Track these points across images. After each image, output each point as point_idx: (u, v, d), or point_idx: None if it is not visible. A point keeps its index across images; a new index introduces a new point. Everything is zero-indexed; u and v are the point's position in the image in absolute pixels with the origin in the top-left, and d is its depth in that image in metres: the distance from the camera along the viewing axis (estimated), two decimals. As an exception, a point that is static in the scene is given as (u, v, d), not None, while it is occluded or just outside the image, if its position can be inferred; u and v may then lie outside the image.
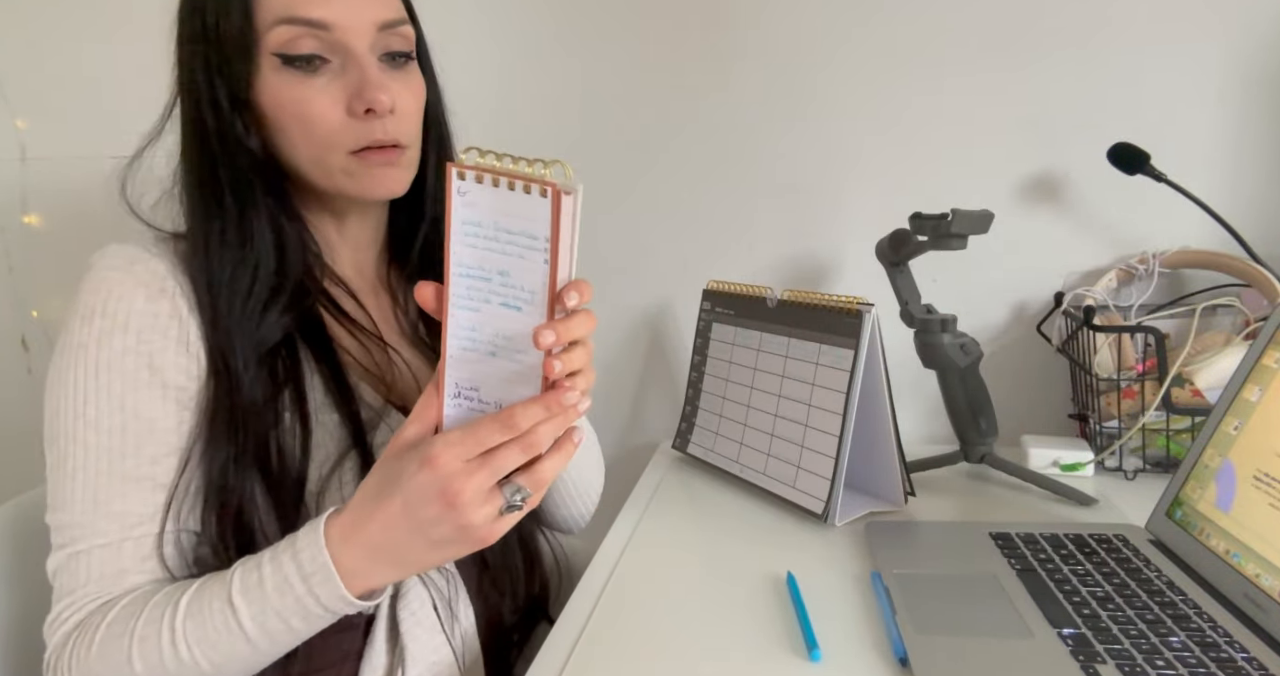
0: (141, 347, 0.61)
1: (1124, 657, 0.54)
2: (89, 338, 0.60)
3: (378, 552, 0.54)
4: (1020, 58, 1.03)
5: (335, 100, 0.63)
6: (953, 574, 0.68)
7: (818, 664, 0.59)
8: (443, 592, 0.68)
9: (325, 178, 0.65)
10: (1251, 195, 1.00)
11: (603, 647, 0.62)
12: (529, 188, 0.48)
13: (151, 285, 0.62)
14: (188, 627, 0.55)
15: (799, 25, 1.08)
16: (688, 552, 0.78)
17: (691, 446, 1.02)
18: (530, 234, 0.49)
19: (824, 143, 1.10)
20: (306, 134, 0.63)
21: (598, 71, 1.13)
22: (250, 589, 0.55)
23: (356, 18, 0.63)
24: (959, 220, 0.82)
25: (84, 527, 0.59)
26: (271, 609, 0.55)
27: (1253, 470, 0.64)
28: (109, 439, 0.60)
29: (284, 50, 0.61)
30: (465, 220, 0.50)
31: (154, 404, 0.61)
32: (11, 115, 1.20)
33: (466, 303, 0.51)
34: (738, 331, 0.98)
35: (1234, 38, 0.98)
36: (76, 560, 0.59)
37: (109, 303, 0.61)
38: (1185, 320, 0.95)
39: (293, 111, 0.63)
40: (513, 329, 0.51)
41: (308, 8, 0.61)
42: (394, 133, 0.65)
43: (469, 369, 0.52)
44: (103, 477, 0.60)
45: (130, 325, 0.61)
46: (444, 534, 0.52)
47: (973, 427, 0.91)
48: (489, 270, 0.50)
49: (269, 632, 0.55)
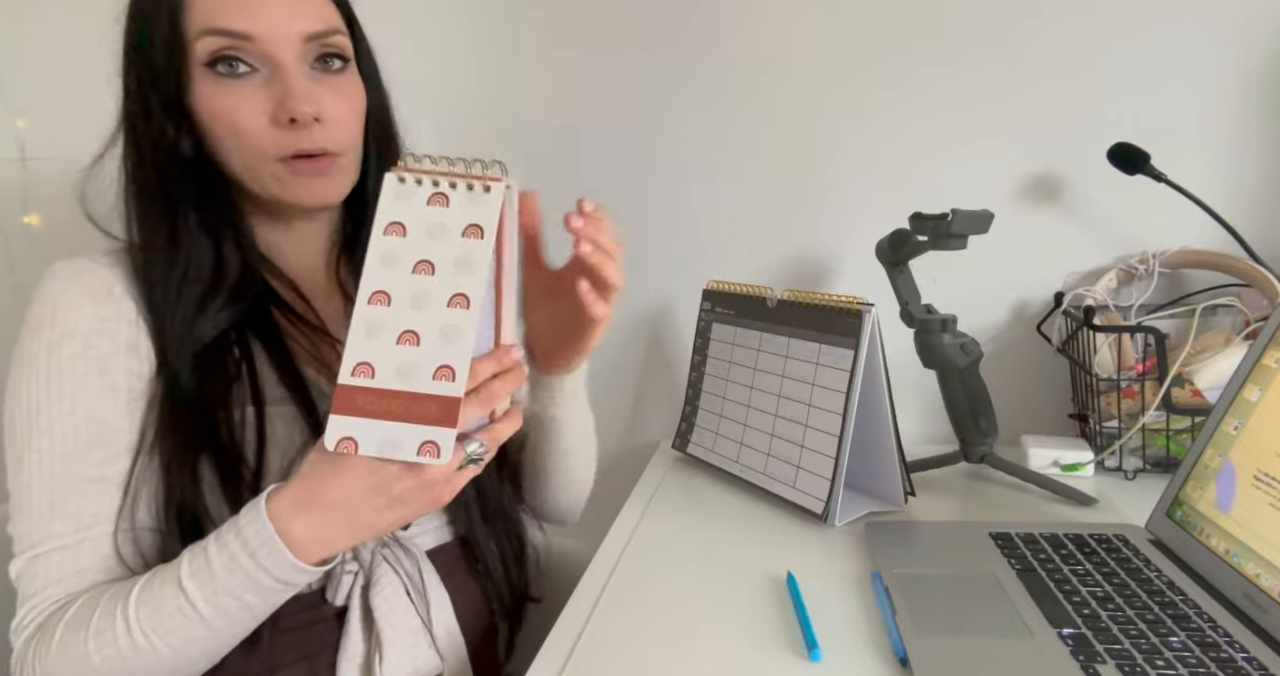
0: (89, 352, 0.62)
1: (1124, 657, 0.55)
2: (39, 348, 0.62)
3: (333, 516, 0.55)
4: (1020, 57, 1.03)
5: (261, 109, 0.63)
6: (953, 574, 0.68)
7: (818, 664, 0.59)
8: (414, 579, 0.69)
9: (258, 184, 0.66)
10: (1251, 195, 1.00)
11: (603, 647, 0.62)
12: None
13: (98, 292, 0.64)
14: (141, 615, 0.56)
15: (799, 25, 1.08)
16: (688, 552, 0.78)
17: (691, 446, 1.02)
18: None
19: (824, 143, 1.10)
20: (236, 142, 0.64)
21: (597, 71, 1.13)
22: (199, 571, 0.56)
23: (281, 29, 0.63)
24: (959, 220, 0.82)
25: (41, 531, 0.60)
26: (222, 588, 0.55)
27: (1253, 470, 0.64)
28: (62, 444, 0.61)
29: (211, 60, 0.62)
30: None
31: (104, 406, 0.62)
32: (11, 115, 1.20)
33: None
34: (738, 331, 0.98)
35: (1234, 38, 0.98)
36: (36, 563, 0.60)
37: (57, 312, 0.63)
38: (1185, 320, 0.95)
39: (223, 120, 0.64)
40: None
41: (231, 19, 0.62)
42: (321, 141, 0.65)
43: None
44: (57, 481, 0.60)
45: (78, 331, 0.62)
46: (405, 488, 0.54)
47: (973, 427, 0.91)
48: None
49: (224, 611, 0.56)
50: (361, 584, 0.66)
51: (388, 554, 0.68)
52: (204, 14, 0.62)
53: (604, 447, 1.22)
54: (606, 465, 0.86)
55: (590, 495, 0.85)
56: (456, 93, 1.16)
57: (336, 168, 0.67)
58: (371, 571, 0.67)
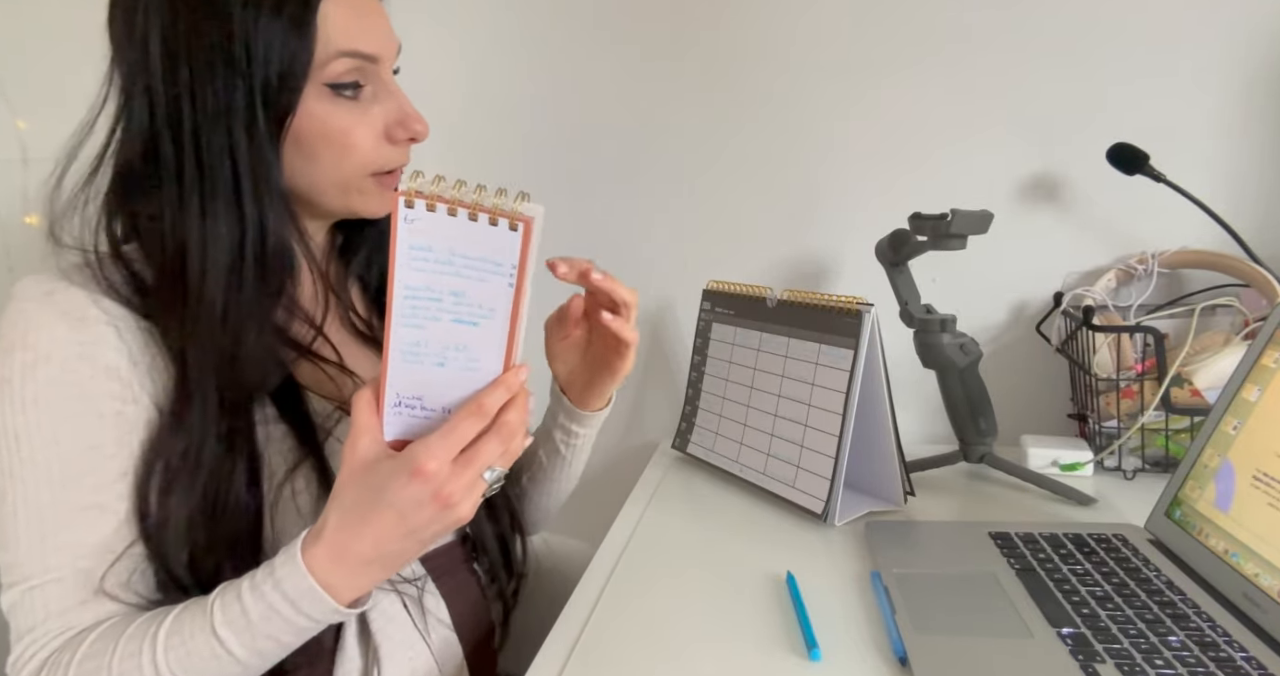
0: (68, 378, 0.59)
1: (1123, 657, 0.55)
2: (12, 372, 0.58)
3: (370, 565, 0.55)
4: (1020, 58, 1.03)
5: (375, 127, 0.64)
6: (952, 573, 0.69)
7: (817, 663, 0.59)
8: (411, 590, 0.69)
9: (340, 197, 0.66)
10: (1251, 195, 1.00)
11: (603, 647, 0.62)
12: (495, 220, 0.51)
13: (73, 313, 0.59)
14: (172, 659, 0.55)
15: (799, 25, 1.08)
16: (688, 552, 0.78)
17: (691, 446, 1.02)
18: (494, 260, 0.52)
19: (824, 143, 1.10)
20: (341, 158, 0.64)
21: (597, 72, 1.13)
22: (234, 620, 0.55)
23: (389, 48, 0.65)
24: (959, 220, 0.82)
25: (34, 563, 0.58)
26: (260, 633, 0.55)
27: (1252, 470, 0.64)
28: (48, 472, 0.58)
29: (337, 80, 0.62)
30: (413, 245, 0.51)
31: (92, 432, 0.59)
32: (12, 115, 1.20)
33: (411, 321, 0.53)
34: (738, 331, 0.98)
35: (1234, 37, 0.98)
36: (31, 596, 0.58)
37: (28, 334, 0.59)
38: (1184, 320, 0.95)
39: (337, 139, 0.63)
40: (466, 340, 0.53)
41: (366, 42, 0.62)
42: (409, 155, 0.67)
43: (412, 380, 0.54)
44: (46, 510, 0.58)
45: (54, 356, 0.59)
46: (436, 530, 0.54)
47: (972, 427, 0.91)
48: (439, 291, 0.52)
49: (260, 652, 0.56)
50: None
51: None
52: (339, 36, 0.61)
53: (604, 448, 1.22)
54: (606, 465, 0.86)
55: (591, 495, 0.85)
56: (456, 93, 1.16)
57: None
58: None
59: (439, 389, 0.54)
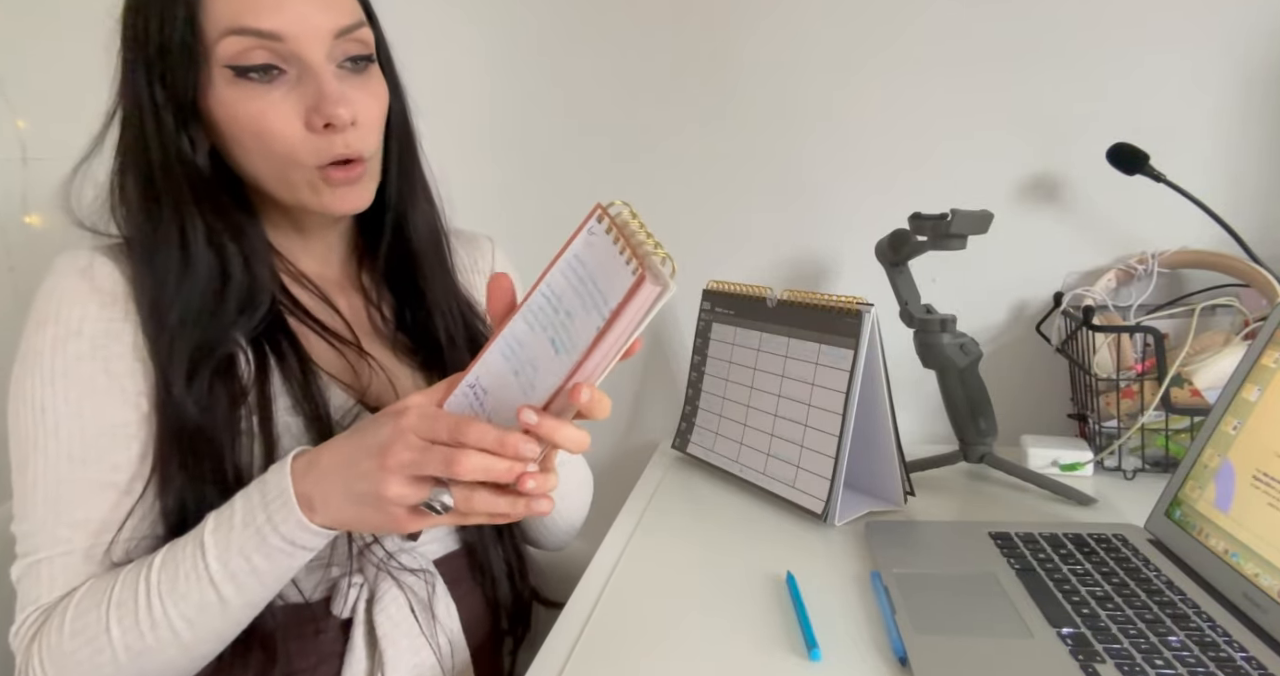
0: (97, 353, 0.60)
1: (1123, 657, 0.55)
2: (44, 345, 0.60)
3: (323, 480, 0.54)
4: (1020, 58, 1.03)
5: (293, 114, 0.60)
6: (952, 573, 0.69)
7: (817, 663, 0.59)
8: (420, 595, 0.68)
9: (289, 192, 0.63)
10: (1251, 195, 1.00)
11: (603, 647, 0.62)
12: (630, 259, 0.49)
13: (105, 291, 0.61)
14: (161, 579, 0.55)
15: (798, 26, 1.08)
16: (688, 552, 0.78)
17: (691, 446, 1.02)
18: (606, 297, 0.50)
19: (824, 143, 1.10)
20: (265, 149, 0.60)
21: (597, 72, 1.13)
22: (220, 525, 0.55)
23: (310, 26, 0.59)
24: (959, 220, 0.82)
25: (46, 535, 0.58)
26: (235, 545, 0.55)
27: (1252, 470, 0.64)
28: (69, 446, 0.59)
29: (236, 62, 0.58)
30: (577, 255, 0.51)
31: (114, 410, 0.60)
32: (12, 115, 1.20)
33: (531, 319, 0.52)
34: (738, 331, 0.98)
35: (1233, 37, 0.98)
36: (39, 568, 0.58)
37: (61, 309, 0.60)
38: (1184, 320, 0.95)
39: (249, 126, 0.60)
40: (543, 363, 0.51)
41: (258, 18, 0.57)
42: (356, 146, 0.62)
43: (494, 372, 0.53)
44: (64, 485, 0.58)
45: (84, 331, 0.60)
46: (363, 489, 0.51)
47: (972, 427, 0.91)
48: (563, 306, 0.51)
49: (233, 574, 0.55)
50: (366, 597, 0.66)
51: (394, 567, 0.67)
52: (227, 11, 0.57)
53: (604, 448, 1.21)
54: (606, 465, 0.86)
55: (590, 495, 0.85)
56: (455, 94, 1.16)
57: (367, 174, 0.64)
58: (376, 585, 0.66)
59: (502, 393, 0.53)
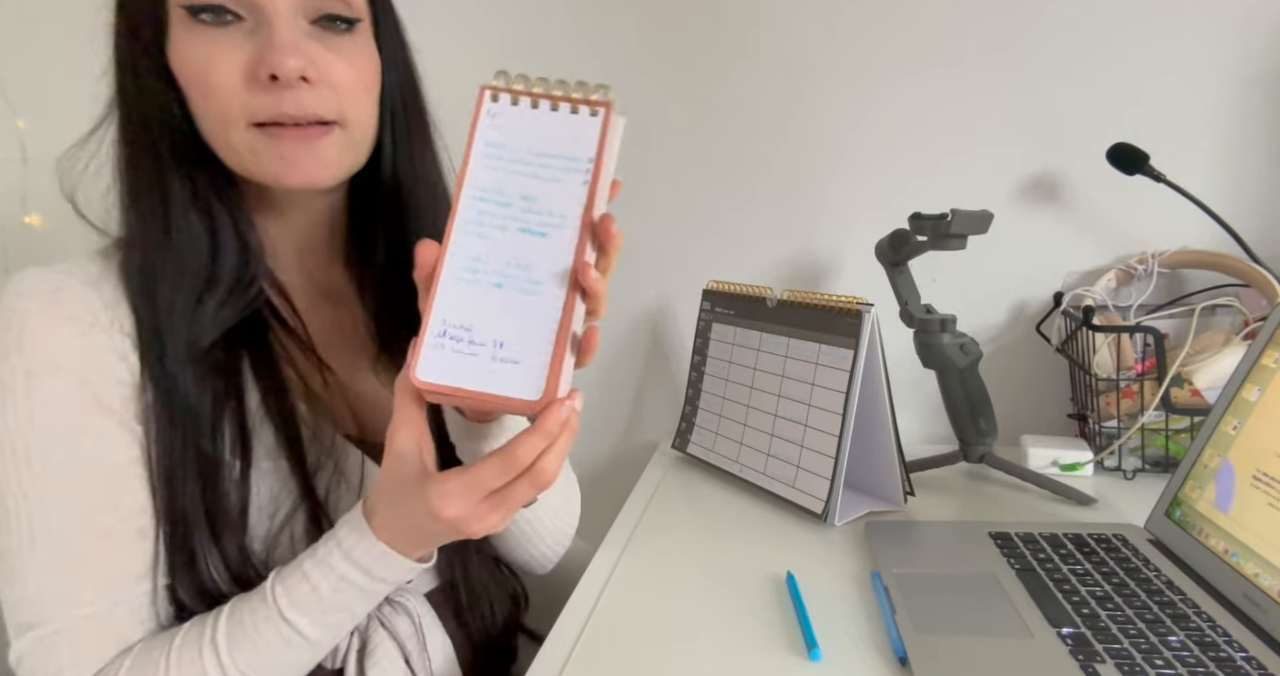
0: (82, 388, 0.53)
1: (1123, 657, 0.55)
2: (14, 381, 0.52)
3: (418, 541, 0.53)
4: (1020, 58, 1.03)
5: (236, 62, 0.53)
6: (952, 573, 0.69)
7: (817, 663, 0.59)
8: (412, 634, 0.64)
9: (232, 156, 0.56)
10: (1251, 195, 1.00)
11: (603, 647, 0.62)
12: (576, 108, 0.46)
13: (82, 318, 0.54)
14: (238, 659, 0.52)
15: (798, 25, 1.08)
16: (687, 552, 0.78)
17: (691, 446, 1.02)
18: (570, 155, 0.46)
19: (824, 143, 1.10)
20: (204, 101, 0.54)
21: (596, 71, 1.13)
22: (302, 600, 0.52)
23: None
24: (959, 220, 0.82)
25: (59, 600, 0.51)
26: (331, 608, 0.53)
27: (1252, 470, 0.64)
28: (71, 492, 0.52)
29: (190, 2, 0.53)
30: (490, 142, 0.47)
31: (119, 448, 0.54)
32: (12, 115, 1.20)
33: (475, 229, 0.46)
34: (738, 331, 0.98)
35: (1234, 37, 0.98)
36: (55, 641, 0.51)
37: (25, 336, 0.52)
38: (1184, 320, 0.95)
39: (193, 74, 0.53)
40: (531, 256, 0.46)
41: None
42: (311, 107, 0.54)
43: (464, 303, 0.46)
44: (77, 539, 0.52)
45: (62, 363, 0.52)
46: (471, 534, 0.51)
47: (972, 427, 0.91)
48: (509, 194, 0.47)
49: (332, 626, 0.54)
50: (357, 647, 0.62)
51: (384, 615, 0.63)
52: None
53: (604, 448, 1.21)
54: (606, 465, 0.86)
55: (591, 495, 0.85)
56: (454, 94, 1.16)
57: (331, 142, 0.57)
58: (367, 637, 0.62)
59: (492, 316, 0.46)
